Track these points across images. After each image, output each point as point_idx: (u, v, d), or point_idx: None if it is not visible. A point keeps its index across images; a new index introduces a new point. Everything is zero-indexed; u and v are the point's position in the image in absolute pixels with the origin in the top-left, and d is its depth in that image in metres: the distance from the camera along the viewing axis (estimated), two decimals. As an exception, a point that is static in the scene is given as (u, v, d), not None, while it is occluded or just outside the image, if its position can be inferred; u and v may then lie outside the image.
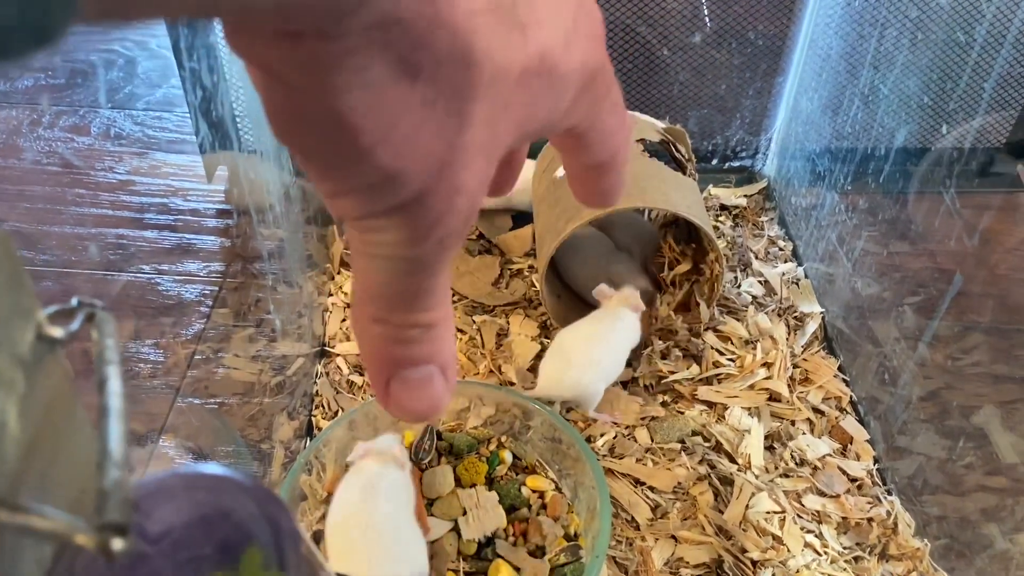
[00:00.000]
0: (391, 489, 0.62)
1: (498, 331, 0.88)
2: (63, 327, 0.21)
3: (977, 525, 0.68)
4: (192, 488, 0.23)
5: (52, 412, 0.21)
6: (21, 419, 0.19)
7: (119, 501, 0.18)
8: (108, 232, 0.99)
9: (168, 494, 0.22)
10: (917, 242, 0.78)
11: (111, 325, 0.21)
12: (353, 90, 0.17)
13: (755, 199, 1.07)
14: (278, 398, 0.77)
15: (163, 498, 0.22)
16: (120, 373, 0.20)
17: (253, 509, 0.22)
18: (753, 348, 0.86)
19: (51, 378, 0.21)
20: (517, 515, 0.68)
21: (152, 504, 0.22)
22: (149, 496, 0.22)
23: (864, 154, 0.85)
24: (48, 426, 0.21)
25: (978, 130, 0.76)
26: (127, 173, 1.09)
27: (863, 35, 0.85)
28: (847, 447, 0.78)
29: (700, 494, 0.73)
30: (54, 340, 0.21)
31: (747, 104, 1.06)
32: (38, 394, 0.20)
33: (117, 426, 0.19)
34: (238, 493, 0.23)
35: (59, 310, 0.21)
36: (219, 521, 0.22)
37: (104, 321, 0.21)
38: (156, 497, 0.22)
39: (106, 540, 0.17)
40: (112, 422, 0.19)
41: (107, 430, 0.19)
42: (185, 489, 0.23)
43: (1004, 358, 0.72)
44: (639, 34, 0.99)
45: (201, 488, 0.23)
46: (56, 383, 0.21)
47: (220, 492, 0.23)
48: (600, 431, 0.78)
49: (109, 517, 0.18)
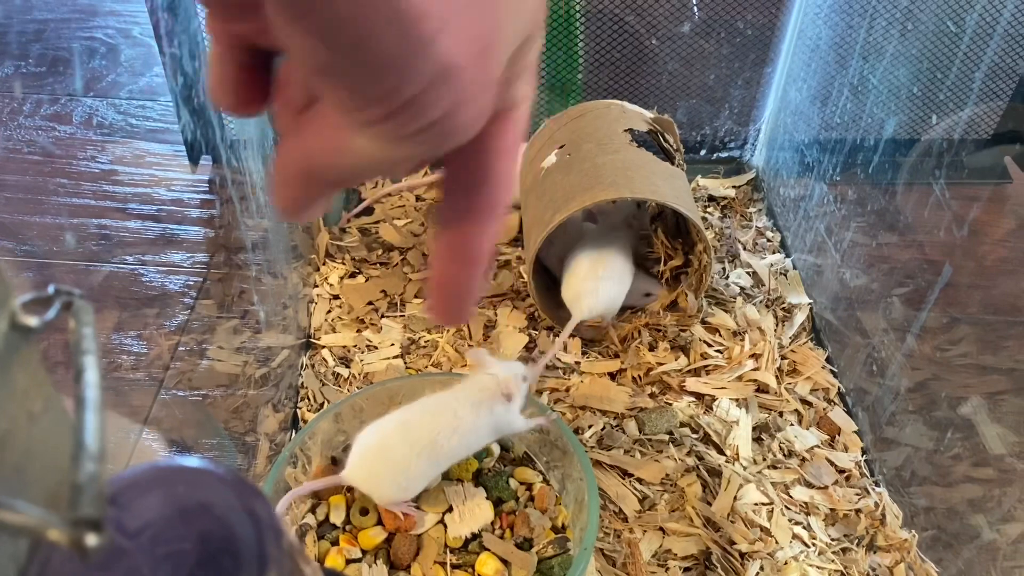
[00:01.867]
0: (466, 427, 0.63)
1: (486, 323, 0.88)
2: (38, 316, 0.20)
3: (964, 516, 0.68)
4: (172, 482, 0.22)
5: (27, 404, 0.20)
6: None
7: (93, 495, 0.17)
8: (90, 222, 0.98)
9: (147, 488, 0.22)
10: (906, 233, 0.78)
11: (89, 314, 0.21)
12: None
13: (743, 190, 1.07)
14: (263, 390, 0.76)
15: (142, 492, 0.22)
16: (97, 364, 0.20)
17: (234, 503, 0.22)
18: (741, 339, 0.86)
19: (25, 369, 0.20)
20: (504, 507, 0.68)
21: (130, 498, 0.22)
22: (127, 490, 0.22)
23: (853, 145, 0.84)
24: (22, 419, 0.20)
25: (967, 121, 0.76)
26: (109, 162, 1.08)
27: (852, 25, 0.85)
28: (835, 438, 0.78)
29: (688, 486, 0.73)
30: (29, 329, 0.20)
31: (736, 94, 1.05)
32: (11, 385, 0.20)
33: (93, 418, 0.19)
34: (218, 486, 0.22)
35: (34, 298, 0.21)
36: (199, 515, 0.22)
37: (82, 310, 0.21)
38: (135, 491, 0.22)
39: (79, 536, 0.17)
40: (88, 414, 0.19)
41: (83, 422, 0.18)
42: (164, 483, 0.22)
43: (991, 349, 0.72)
44: (628, 24, 0.99)
45: (181, 482, 0.23)
46: (31, 375, 0.21)
47: (200, 486, 0.22)
48: (588, 423, 0.78)
49: (83, 512, 0.17)
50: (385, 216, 1.01)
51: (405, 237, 0.98)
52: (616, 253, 0.83)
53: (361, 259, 0.95)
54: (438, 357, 0.84)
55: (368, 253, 0.96)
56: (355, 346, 0.85)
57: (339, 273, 0.93)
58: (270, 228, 0.78)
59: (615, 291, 0.82)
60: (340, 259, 0.95)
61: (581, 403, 0.79)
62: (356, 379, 0.82)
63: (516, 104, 0.23)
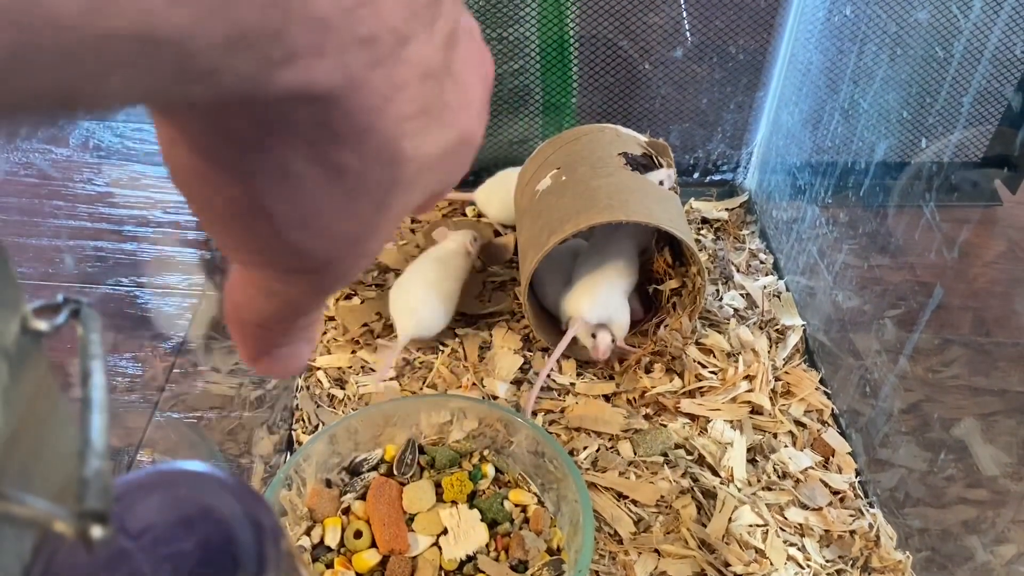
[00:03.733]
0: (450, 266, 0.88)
1: (481, 344, 0.88)
2: (48, 321, 0.21)
3: (958, 537, 0.68)
4: (173, 485, 0.23)
5: (35, 405, 0.21)
6: (3, 411, 0.19)
7: (99, 489, 0.18)
8: (86, 244, 0.98)
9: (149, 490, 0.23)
10: (897, 255, 0.79)
11: (96, 321, 0.21)
12: (273, 178, 0.18)
13: (736, 212, 1.08)
14: (258, 412, 0.76)
15: (144, 494, 0.23)
16: (103, 367, 0.20)
17: (234, 506, 0.22)
18: (735, 361, 0.86)
19: (35, 371, 0.21)
20: (499, 529, 0.68)
21: (133, 500, 0.22)
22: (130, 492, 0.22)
23: (844, 168, 0.85)
24: (31, 419, 0.21)
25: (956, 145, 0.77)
26: (106, 185, 1.08)
27: (843, 50, 0.86)
28: (829, 460, 0.78)
29: (683, 507, 0.73)
30: (39, 333, 0.21)
31: (728, 118, 1.06)
32: (21, 387, 0.20)
33: (99, 418, 0.19)
34: (219, 490, 0.23)
35: (44, 305, 0.21)
36: (200, 518, 0.22)
37: (89, 317, 0.22)
38: (137, 493, 0.22)
39: (86, 527, 0.18)
40: (94, 414, 0.19)
41: (89, 421, 0.19)
42: (166, 486, 0.23)
43: (983, 370, 0.72)
44: (621, 48, 1.00)
45: (183, 485, 0.23)
46: (40, 377, 0.21)
47: (201, 489, 0.23)
48: (583, 445, 0.78)
49: (89, 505, 0.18)
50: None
51: (400, 259, 0.98)
52: (617, 264, 0.85)
53: (357, 281, 0.95)
54: (433, 378, 0.84)
55: (363, 275, 0.96)
56: (350, 367, 0.85)
57: (334, 295, 0.93)
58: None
59: (614, 302, 0.83)
60: (335, 281, 0.95)
61: (576, 424, 0.79)
62: (351, 400, 0.82)
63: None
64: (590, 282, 0.83)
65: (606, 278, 0.83)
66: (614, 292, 0.83)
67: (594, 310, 0.81)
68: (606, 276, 0.83)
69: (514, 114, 1.05)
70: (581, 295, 0.82)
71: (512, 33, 0.98)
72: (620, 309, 0.83)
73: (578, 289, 0.83)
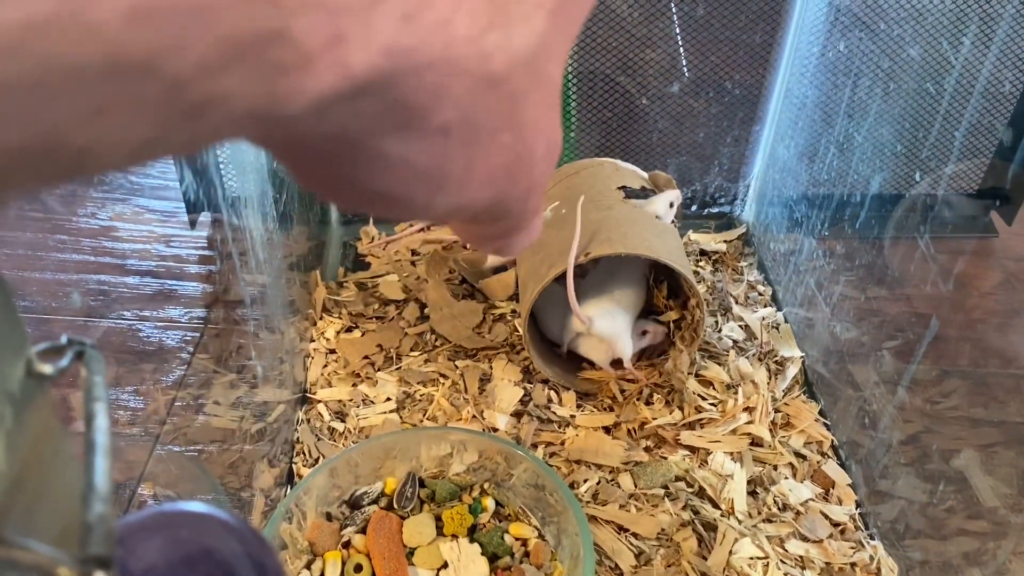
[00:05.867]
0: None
1: (481, 376, 0.88)
2: (52, 364, 0.21)
3: (959, 569, 0.68)
4: (176, 526, 0.23)
5: (39, 448, 0.21)
6: (8, 454, 0.19)
7: (103, 534, 0.18)
8: (89, 278, 0.99)
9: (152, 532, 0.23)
10: (894, 287, 0.79)
11: (100, 363, 0.22)
12: (381, 170, 0.16)
13: (734, 244, 1.08)
14: (259, 445, 0.76)
15: (147, 536, 0.23)
16: (107, 410, 0.21)
17: (236, 548, 0.22)
18: (735, 393, 0.86)
19: (39, 414, 0.21)
20: (500, 563, 0.68)
21: (136, 541, 0.22)
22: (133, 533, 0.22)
23: (840, 200, 0.86)
24: (35, 462, 0.21)
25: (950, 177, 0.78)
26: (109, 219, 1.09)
27: (837, 85, 0.87)
28: (829, 491, 0.78)
29: (684, 540, 0.73)
30: (43, 376, 0.21)
31: (725, 151, 1.07)
32: (26, 430, 0.20)
33: (103, 461, 0.19)
34: (221, 531, 0.23)
35: (49, 347, 0.21)
36: (202, 559, 0.22)
37: (93, 359, 0.22)
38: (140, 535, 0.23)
39: (88, 573, 0.18)
40: (98, 457, 0.19)
41: (93, 465, 0.19)
42: (169, 527, 0.23)
43: (982, 401, 0.72)
44: (619, 84, 1.01)
45: (185, 526, 0.23)
46: (44, 420, 0.21)
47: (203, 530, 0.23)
48: (583, 477, 0.78)
49: (92, 550, 0.18)
50: (382, 270, 1.02)
51: (402, 291, 0.99)
52: (628, 286, 0.86)
53: (358, 313, 0.96)
54: (433, 411, 0.84)
55: (364, 307, 0.97)
56: (351, 400, 0.86)
57: (336, 327, 0.94)
58: (268, 283, 0.79)
59: (620, 319, 0.83)
60: (337, 313, 0.96)
61: (576, 457, 0.80)
62: (352, 433, 0.82)
63: None
64: (596, 303, 0.84)
65: (611, 303, 0.84)
66: (617, 317, 0.83)
67: (601, 320, 0.82)
68: (611, 301, 0.84)
69: (514, 148, 1.06)
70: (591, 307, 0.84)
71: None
72: (624, 332, 0.83)
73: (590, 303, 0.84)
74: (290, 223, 0.85)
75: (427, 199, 0.17)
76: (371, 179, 0.16)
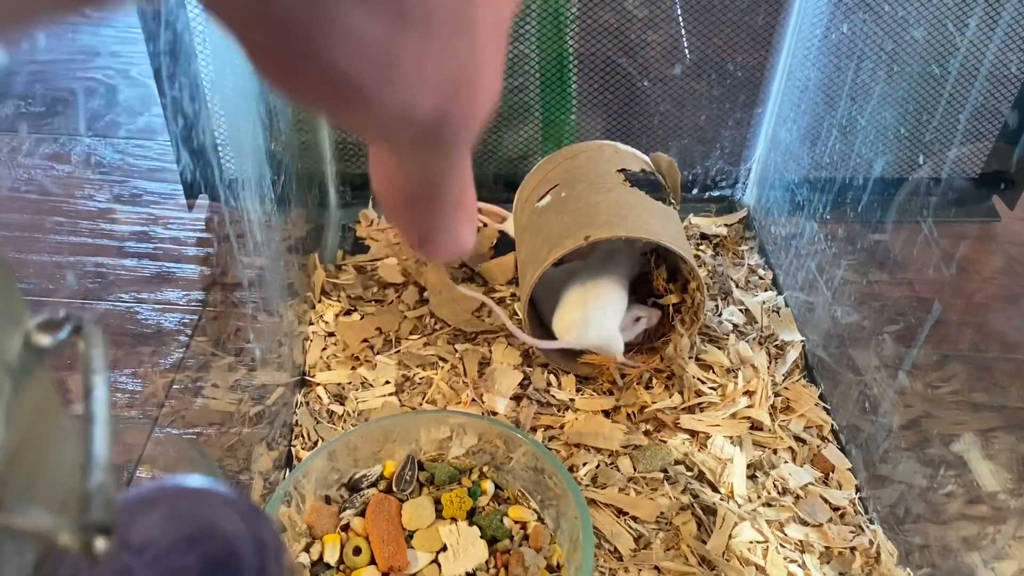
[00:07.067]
0: None
1: (480, 360, 0.88)
2: (51, 336, 0.21)
3: (959, 554, 0.68)
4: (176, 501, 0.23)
5: (37, 420, 0.21)
6: (6, 425, 0.19)
7: (103, 502, 0.18)
8: (87, 260, 0.98)
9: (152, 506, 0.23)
10: (895, 271, 0.79)
11: (99, 336, 0.22)
12: (337, 42, 0.17)
13: (735, 228, 1.08)
14: (257, 428, 0.76)
15: (147, 510, 0.23)
16: (106, 382, 0.21)
17: (237, 522, 0.22)
18: (735, 377, 0.86)
19: (37, 386, 0.21)
20: (499, 546, 0.68)
21: (136, 516, 0.22)
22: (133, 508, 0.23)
23: (842, 184, 0.86)
24: (33, 434, 0.21)
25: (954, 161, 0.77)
26: (107, 201, 1.09)
27: (840, 67, 0.86)
28: (829, 476, 0.78)
29: (683, 524, 0.73)
30: (41, 349, 0.21)
31: (727, 135, 1.07)
32: (24, 401, 0.20)
33: (102, 431, 0.20)
34: (221, 506, 0.23)
35: (47, 321, 0.21)
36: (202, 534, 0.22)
37: (91, 333, 0.22)
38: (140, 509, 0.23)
39: (89, 540, 0.18)
40: (97, 427, 0.20)
41: (92, 434, 0.19)
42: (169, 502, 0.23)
43: (982, 386, 0.72)
44: (620, 66, 1.00)
45: (185, 501, 0.23)
46: (42, 392, 0.21)
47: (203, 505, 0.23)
48: (583, 461, 0.78)
49: (92, 517, 0.18)
50: (381, 253, 1.02)
51: (401, 274, 0.98)
52: (608, 283, 0.83)
53: (356, 296, 0.96)
54: (433, 394, 0.84)
55: (363, 291, 0.96)
56: (350, 383, 0.85)
57: (334, 311, 0.94)
58: (266, 266, 0.78)
59: (607, 322, 0.81)
60: (336, 296, 0.96)
61: (575, 441, 0.79)
62: (351, 416, 0.82)
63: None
64: (575, 307, 0.82)
65: (596, 299, 0.82)
66: (606, 314, 0.82)
67: (581, 339, 0.80)
68: (596, 303, 0.82)
69: (513, 130, 1.05)
70: (567, 327, 0.81)
71: (512, 50, 0.98)
72: (608, 331, 0.81)
73: (564, 316, 0.82)
74: (288, 206, 0.85)
75: (377, 88, 0.18)
76: (327, 52, 0.17)
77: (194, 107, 0.65)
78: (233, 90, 0.71)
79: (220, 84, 0.69)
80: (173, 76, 0.62)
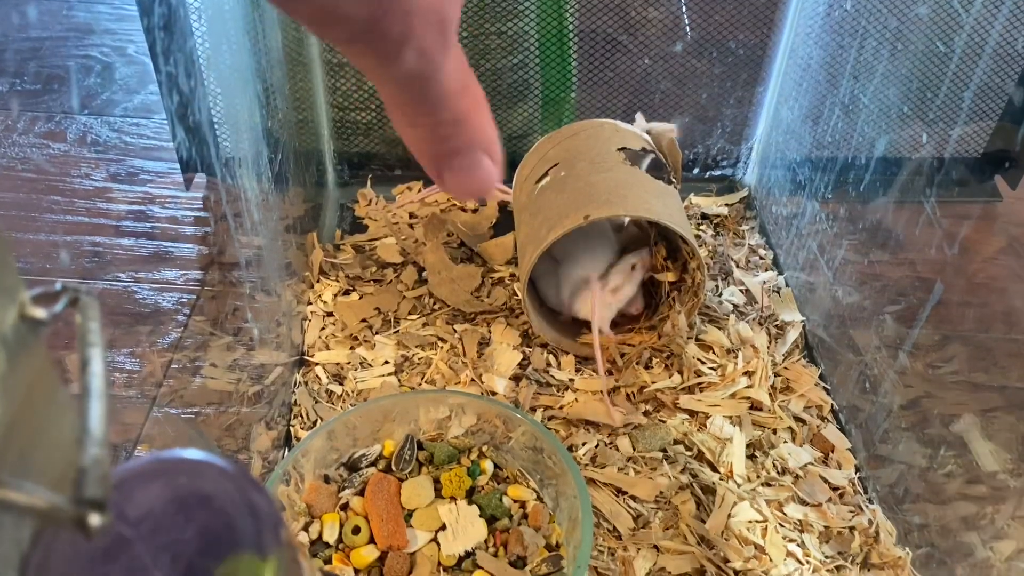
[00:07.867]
0: None
1: (480, 340, 0.88)
2: (46, 309, 0.21)
3: (958, 533, 0.68)
4: (173, 473, 0.23)
5: (33, 394, 0.21)
6: (1, 399, 0.19)
7: (98, 477, 0.18)
8: (84, 239, 0.98)
9: (149, 478, 0.23)
10: (897, 251, 0.78)
11: (95, 309, 0.21)
12: None
13: (736, 208, 1.07)
14: (256, 408, 0.76)
15: (143, 482, 0.23)
16: (102, 355, 0.20)
17: (234, 494, 0.22)
18: (734, 357, 0.86)
19: (33, 360, 0.21)
20: (498, 525, 0.68)
21: (132, 488, 0.22)
22: (129, 480, 0.23)
23: (844, 163, 0.85)
24: (29, 407, 0.21)
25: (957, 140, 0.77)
26: (103, 180, 1.08)
27: (843, 45, 0.86)
28: (828, 456, 0.78)
29: (682, 503, 0.73)
30: (37, 322, 0.21)
31: (728, 113, 1.06)
32: (19, 374, 0.20)
33: (97, 405, 0.19)
34: (219, 478, 0.23)
35: (43, 293, 0.21)
36: (199, 506, 0.22)
37: (88, 305, 0.21)
38: (136, 481, 0.23)
39: (84, 515, 0.18)
40: (93, 401, 0.19)
41: (88, 409, 0.19)
42: (166, 474, 0.23)
43: (983, 367, 0.72)
44: (621, 43, 1.00)
45: (182, 473, 0.23)
46: (38, 365, 0.21)
47: (201, 477, 0.23)
48: (582, 440, 0.78)
49: (87, 492, 0.18)
50: (380, 233, 1.01)
51: (399, 254, 0.98)
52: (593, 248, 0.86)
53: (355, 276, 0.95)
54: (432, 374, 0.84)
55: (362, 270, 0.96)
56: (348, 363, 0.85)
57: (333, 290, 0.93)
58: (264, 245, 0.78)
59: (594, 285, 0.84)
60: (334, 276, 0.95)
61: (575, 419, 0.79)
62: (349, 396, 0.82)
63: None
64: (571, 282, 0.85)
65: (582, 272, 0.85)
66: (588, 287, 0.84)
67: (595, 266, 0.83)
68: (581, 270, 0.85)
69: (513, 109, 1.04)
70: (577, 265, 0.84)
71: (511, 28, 0.97)
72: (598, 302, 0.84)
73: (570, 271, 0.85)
74: (286, 185, 0.84)
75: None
76: None
77: (190, 84, 0.64)
78: (230, 68, 0.70)
79: (216, 61, 0.68)
80: (168, 52, 0.61)
